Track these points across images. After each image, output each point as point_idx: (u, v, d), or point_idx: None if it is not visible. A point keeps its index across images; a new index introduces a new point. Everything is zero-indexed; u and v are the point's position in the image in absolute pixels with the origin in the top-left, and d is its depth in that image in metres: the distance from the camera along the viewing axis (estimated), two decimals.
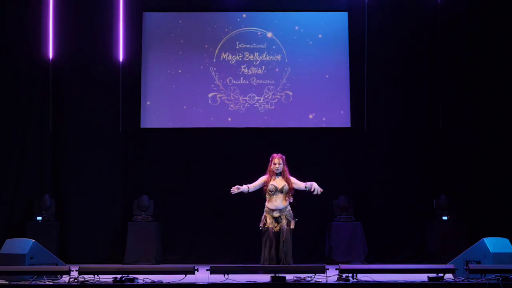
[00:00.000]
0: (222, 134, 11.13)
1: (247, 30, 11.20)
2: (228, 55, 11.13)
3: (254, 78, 11.16)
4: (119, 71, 10.95)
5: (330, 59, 11.18)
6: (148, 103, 11.09)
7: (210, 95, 11.10)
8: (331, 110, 11.14)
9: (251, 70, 11.16)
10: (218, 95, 11.06)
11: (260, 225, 8.23)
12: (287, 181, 8.21)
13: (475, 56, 11.01)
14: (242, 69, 11.16)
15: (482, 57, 10.98)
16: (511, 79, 10.92)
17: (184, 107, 11.12)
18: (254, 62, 11.19)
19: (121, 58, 11.00)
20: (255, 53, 11.18)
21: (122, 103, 10.95)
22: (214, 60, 11.17)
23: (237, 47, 11.19)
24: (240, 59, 11.18)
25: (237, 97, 11.08)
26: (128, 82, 11.03)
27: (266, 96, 11.10)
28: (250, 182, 8.32)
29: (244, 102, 11.10)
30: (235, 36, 11.19)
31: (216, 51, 11.16)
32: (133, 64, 11.10)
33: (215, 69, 11.16)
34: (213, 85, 11.13)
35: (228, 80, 11.12)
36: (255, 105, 11.11)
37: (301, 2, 11.29)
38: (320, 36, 11.18)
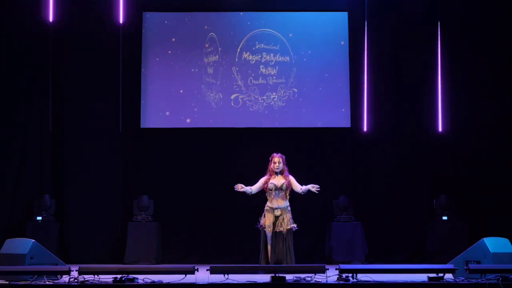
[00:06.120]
0: (221, 134, 11.12)
1: (261, 31, 11.18)
2: (249, 55, 11.10)
3: (270, 78, 11.15)
4: (119, 71, 10.95)
5: (330, 60, 11.18)
6: (148, 103, 11.09)
7: (232, 96, 11.08)
8: (332, 110, 11.13)
9: (267, 70, 11.16)
10: (240, 96, 11.06)
11: (259, 224, 8.24)
12: (286, 179, 8.25)
13: (475, 57, 11.00)
14: (261, 69, 11.16)
15: (483, 59, 10.98)
16: (511, 80, 10.93)
17: (183, 105, 11.12)
18: (270, 63, 11.19)
19: (121, 57, 10.98)
20: (271, 54, 11.18)
21: (122, 103, 10.94)
22: (237, 59, 11.13)
23: (256, 47, 11.16)
24: (259, 58, 11.17)
25: (256, 96, 11.09)
26: (129, 81, 11.02)
27: (279, 94, 11.10)
28: (251, 183, 8.35)
29: (262, 101, 11.09)
30: (252, 37, 11.15)
31: (238, 51, 11.12)
32: (133, 64, 11.09)
33: (237, 69, 11.13)
34: (235, 86, 11.12)
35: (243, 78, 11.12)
36: (271, 103, 11.10)
37: (301, 2, 11.29)
38: (319, 36, 11.17)
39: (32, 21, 10.90)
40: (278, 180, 8.26)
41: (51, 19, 10.73)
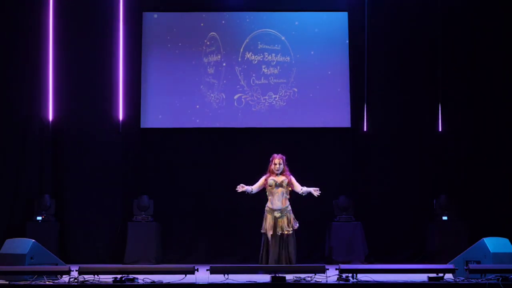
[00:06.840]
0: (222, 133, 11.12)
1: (262, 31, 11.17)
2: (251, 55, 11.08)
3: (272, 77, 11.14)
4: (119, 71, 10.94)
5: (330, 60, 11.17)
6: (148, 103, 11.09)
7: (235, 96, 11.07)
8: (332, 110, 11.12)
9: (269, 70, 11.15)
10: (243, 96, 11.05)
11: (262, 230, 8.25)
12: (287, 177, 8.26)
13: (475, 57, 11.00)
14: (263, 69, 11.16)
15: (483, 59, 10.98)
16: (510, 80, 10.92)
17: (183, 105, 11.11)
18: (272, 63, 11.18)
19: (121, 58, 10.99)
20: (272, 54, 11.17)
21: (122, 103, 10.93)
22: (240, 59, 11.11)
23: (259, 47, 11.14)
24: (261, 59, 11.16)
25: (259, 96, 11.08)
26: (129, 81, 11.02)
27: (280, 94, 11.10)
28: (251, 183, 8.35)
29: (264, 101, 11.09)
30: (254, 37, 11.14)
31: (241, 51, 11.10)
32: (133, 64, 11.10)
33: (239, 69, 11.13)
34: (238, 86, 11.10)
35: (249, 79, 11.09)
36: (272, 103, 11.10)
37: (301, 2, 11.28)
38: (319, 36, 11.17)
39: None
40: (279, 177, 8.27)
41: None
